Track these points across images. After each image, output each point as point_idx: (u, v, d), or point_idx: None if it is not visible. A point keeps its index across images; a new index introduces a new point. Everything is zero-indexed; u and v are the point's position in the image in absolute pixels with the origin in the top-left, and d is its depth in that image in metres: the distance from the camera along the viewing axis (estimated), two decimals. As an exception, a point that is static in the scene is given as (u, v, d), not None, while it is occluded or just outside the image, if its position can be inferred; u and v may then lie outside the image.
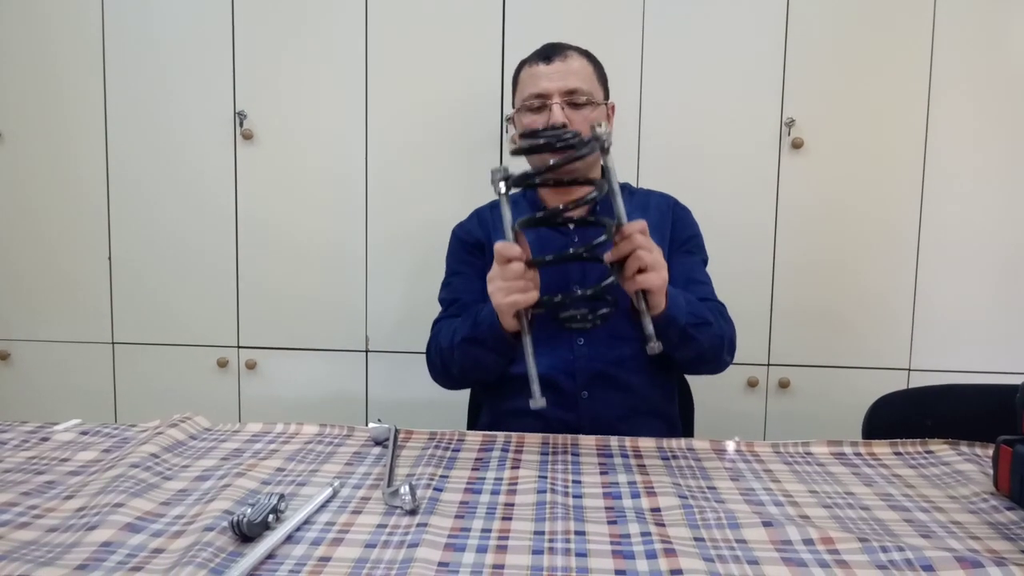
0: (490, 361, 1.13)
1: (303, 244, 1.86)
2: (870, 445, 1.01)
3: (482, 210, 1.35)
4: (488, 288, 0.98)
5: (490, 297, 0.98)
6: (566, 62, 1.20)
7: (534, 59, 1.22)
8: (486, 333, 1.07)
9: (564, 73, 1.19)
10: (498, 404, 1.26)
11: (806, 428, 1.78)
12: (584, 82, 1.20)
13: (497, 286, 0.96)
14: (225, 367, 1.89)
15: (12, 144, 1.89)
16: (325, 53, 1.81)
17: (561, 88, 1.18)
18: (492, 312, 1.02)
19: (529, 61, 1.23)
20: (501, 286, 0.96)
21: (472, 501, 0.82)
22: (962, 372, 1.76)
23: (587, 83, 1.21)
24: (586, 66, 1.22)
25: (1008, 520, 0.77)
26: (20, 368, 1.95)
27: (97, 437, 1.03)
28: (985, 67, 1.71)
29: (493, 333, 1.05)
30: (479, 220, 1.32)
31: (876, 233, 1.76)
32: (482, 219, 1.32)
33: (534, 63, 1.22)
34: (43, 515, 0.77)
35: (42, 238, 1.91)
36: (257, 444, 1.01)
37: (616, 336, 1.19)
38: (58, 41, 1.85)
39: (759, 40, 1.74)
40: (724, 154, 1.77)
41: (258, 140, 1.83)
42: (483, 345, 1.09)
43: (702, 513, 0.78)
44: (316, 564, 0.67)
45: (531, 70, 1.22)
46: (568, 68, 1.19)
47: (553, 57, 1.20)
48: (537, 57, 1.22)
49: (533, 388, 0.90)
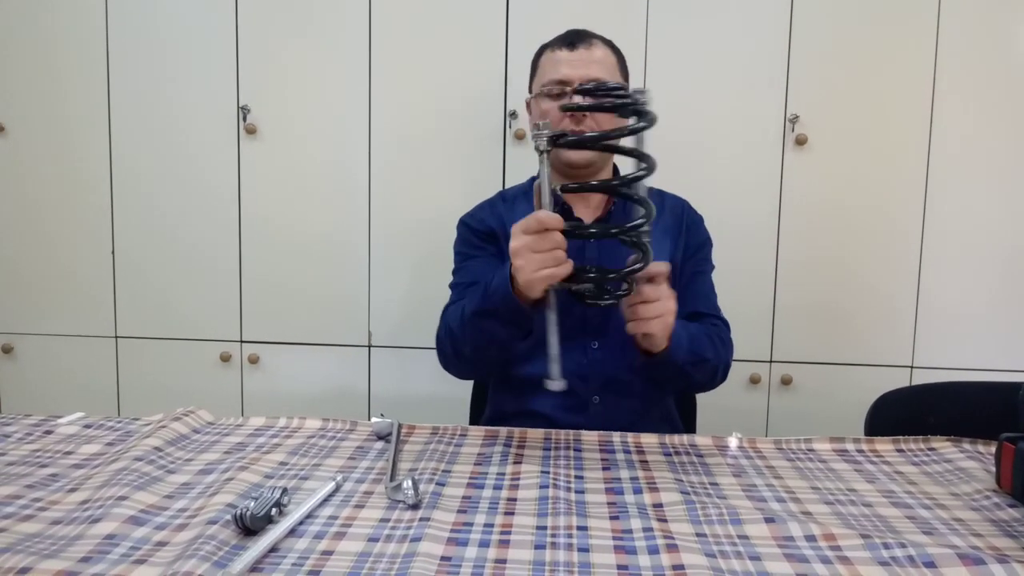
0: (504, 335, 1.04)
1: (306, 238, 1.86)
2: (872, 442, 1.01)
3: (493, 200, 1.33)
4: (514, 261, 0.91)
5: (516, 271, 0.92)
6: (590, 50, 1.18)
7: (557, 44, 1.20)
8: (499, 304, 0.98)
9: (587, 62, 1.17)
10: (502, 404, 1.25)
11: (808, 425, 1.78)
12: (606, 72, 1.18)
13: (529, 259, 0.90)
14: (228, 361, 1.89)
15: (16, 138, 1.89)
16: (329, 48, 1.80)
17: (583, 76, 1.15)
18: (506, 281, 0.95)
19: (552, 46, 1.21)
20: (535, 258, 0.89)
21: (474, 496, 0.82)
22: (965, 369, 1.76)
23: (609, 74, 1.18)
24: (609, 56, 1.20)
25: (1010, 517, 0.77)
26: (23, 362, 1.96)
27: (101, 430, 1.03)
28: (990, 64, 1.70)
29: (507, 304, 0.96)
30: (491, 209, 1.30)
31: (879, 230, 1.76)
32: (494, 208, 1.30)
33: (557, 48, 1.19)
34: (47, 508, 0.77)
35: (45, 232, 1.91)
36: (260, 438, 1.01)
37: (630, 343, 1.18)
38: (62, 35, 1.85)
39: (763, 36, 1.74)
40: (728, 150, 1.76)
41: (261, 135, 1.83)
42: (496, 317, 1.01)
43: (704, 509, 0.78)
44: (319, 558, 0.67)
45: (553, 55, 1.19)
46: (591, 57, 1.17)
47: (577, 44, 1.18)
48: (560, 43, 1.20)
49: (552, 368, 0.87)
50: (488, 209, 1.31)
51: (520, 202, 1.29)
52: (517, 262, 0.91)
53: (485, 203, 1.33)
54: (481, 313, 1.03)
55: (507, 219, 1.27)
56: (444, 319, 1.18)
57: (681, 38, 1.75)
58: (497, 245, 1.26)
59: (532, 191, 1.30)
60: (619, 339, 1.19)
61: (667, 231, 1.26)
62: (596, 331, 1.22)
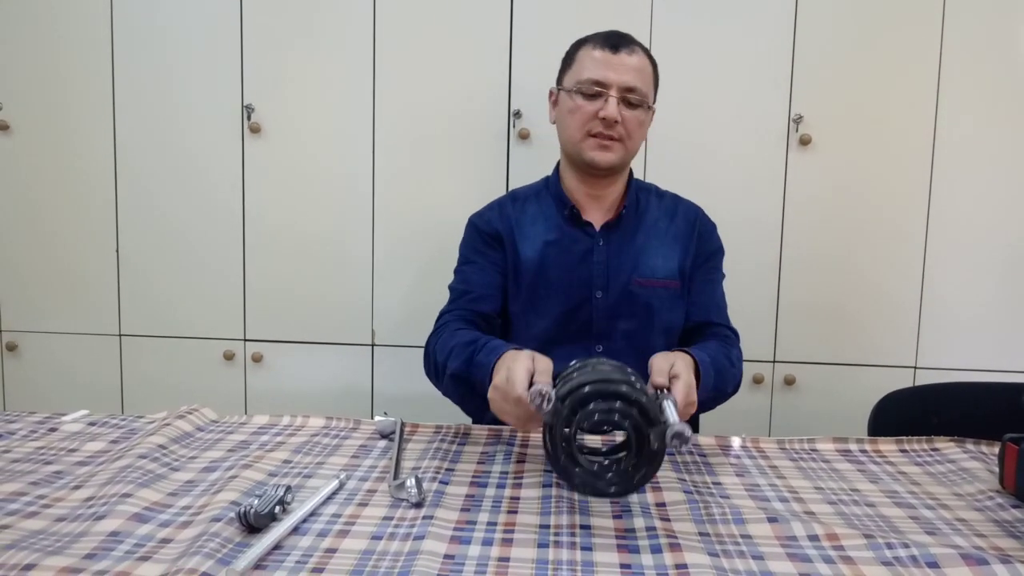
0: (477, 404, 1.04)
1: (309, 237, 1.86)
2: (876, 442, 1.01)
3: (504, 201, 1.32)
4: (491, 405, 0.89)
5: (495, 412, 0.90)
6: (632, 56, 1.17)
7: (600, 43, 1.17)
8: (477, 379, 0.98)
9: (628, 68, 1.16)
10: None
11: (812, 425, 1.78)
12: (643, 82, 1.17)
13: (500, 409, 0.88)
14: (231, 360, 1.90)
15: (21, 136, 1.89)
16: (333, 47, 1.81)
17: (622, 83, 1.15)
18: (490, 360, 0.94)
19: (593, 43, 1.18)
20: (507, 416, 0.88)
21: (478, 494, 0.82)
22: (969, 370, 1.76)
23: (645, 84, 1.18)
24: (648, 65, 1.20)
25: (1014, 518, 0.77)
26: (28, 360, 1.96)
27: (105, 428, 1.03)
28: (994, 64, 1.70)
29: (486, 388, 0.93)
30: (500, 212, 1.29)
31: (883, 230, 1.76)
32: (504, 212, 1.29)
33: (599, 47, 1.17)
34: (51, 505, 0.78)
35: (50, 230, 1.92)
36: (264, 436, 1.01)
37: (638, 347, 1.18)
38: (66, 34, 1.85)
39: (768, 36, 1.73)
40: (732, 150, 1.76)
41: (266, 134, 1.83)
42: (472, 390, 1.01)
43: (707, 508, 0.78)
44: (322, 555, 0.68)
45: (594, 53, 1.17)
46: (632, 63, 1.16)
47: (621, 48, 1.16)
48: (603, 42, 1.17)
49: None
50: (497, 210, 1.30)
51: (531, 203, 1.29)
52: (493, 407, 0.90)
53: (495, 203, 1.32)
54: (460, 379, 1.04)
55: (515, 221, 1.26)
56: (436, 337, 1.17)
57: (686, 39, 1.75)
58: (501, 250, 1.26)
59: (543, 192, 1.29)
60: (626, 345, 1.19)
61: (678, 237, 1.26)
62: (601, 335, 1.22)
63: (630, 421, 0.75)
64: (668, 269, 1.24)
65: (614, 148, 1.18)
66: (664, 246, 1.25)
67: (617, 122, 1.15)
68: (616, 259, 1.23)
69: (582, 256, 1.23)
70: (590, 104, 1.17)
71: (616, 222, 1.24)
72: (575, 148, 1.21)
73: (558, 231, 1.24)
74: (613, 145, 1.18)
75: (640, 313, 1.22)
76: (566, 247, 1.23)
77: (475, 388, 1.00)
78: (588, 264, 1.23)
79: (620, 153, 1.19)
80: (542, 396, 0.75)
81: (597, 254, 1.22)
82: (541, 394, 0.75)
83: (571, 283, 1.22)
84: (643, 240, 1.25)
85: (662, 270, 1.23)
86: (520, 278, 1.24)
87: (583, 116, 1.17)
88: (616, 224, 1.24)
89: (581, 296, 1.22)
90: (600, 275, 1.22)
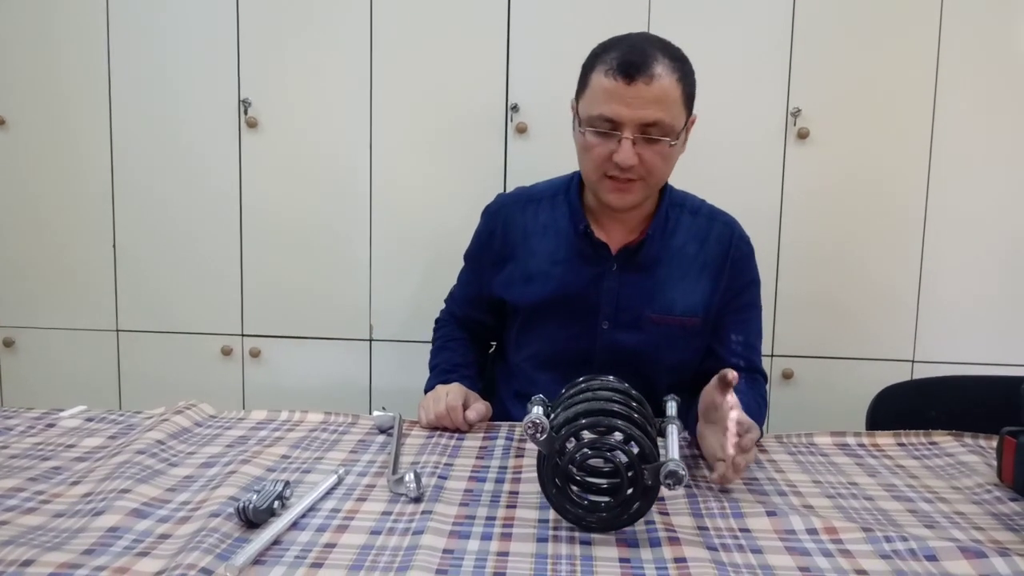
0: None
1: (307, 232, 1.85)
2: (874, 436, 1.01)
3: (520, 201, 1.20)
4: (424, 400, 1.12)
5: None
6: (651, 86, 0.98)
7: (614, 69, 0.99)
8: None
9: (645, 101, 0.98)
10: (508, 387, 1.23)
11: (810, 419, 1.78)
12: (666, 112, 1.00)
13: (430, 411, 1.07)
14: (229, 355, 1.89)
15: (16, 131, 1.89)
16: (331, 41, 1.80)
17: (638, 119, 0.99)
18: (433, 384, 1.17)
19: (607, 65, 1.00)
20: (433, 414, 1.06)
21: (476, 489, 0.82)
22: (966, 364, 1.76)
23: (669, 113, 1.00)
24: (674, 88, 1.00)
25: (1011, 511, 0.78)
26: (25, 355, 1.96)
27: (103, 424, 1.03)
28: (992, 57, 1.69)
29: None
30: (511, 217, 1.18)
31: (881, 224, 1.76)
32: (514, 218, 1.18)
33: (612, 74, 0.99)
34: (49, 500, 0.77)
35: (46, 225, 1.91)
36: (262, 431, 1.01)
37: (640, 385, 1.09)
38: (62, 28, 1.84)
39: (766, 29, 1.73)
40: (730, 143, 1.75)
41: (263, 128, 1.83)
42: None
43: (706, 502, 0.79)
44: (321, 550, 0.68)
45: (606, 83, 0.99)
46: (651, 95, 0.98)
47: (637, 77, 0.98)
48: (617, 70, 0.99)
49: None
50: (511, 208, 1.20)
51: (545, 209, 1.17)
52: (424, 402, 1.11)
53: (510, 202, 1.21)
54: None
55: (525, 230, 1.17)
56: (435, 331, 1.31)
57: (683, 31, 1.73)
58: (491, 250, 1.18)
59: (560, 198, 1.17)
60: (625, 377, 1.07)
61: (707, 267, 1.13)
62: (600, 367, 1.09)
63: (626, 456, 0.73)
64: (689, 305, 1.12)
65: (633, 189, 1.05)
66: (688, 279, 1.12)
67: (633, 166, 1.01)
68: (629, 289, 1.11)
69: (591, 280, 1.11)
70: (603, 145, 1.02)
71: (637, 247, 1.11)
72: (592, 187, 1.09)
73: (568, 248, 1.12)
74: (632, 187, 1.04)
75: (649, 350, 1.12)
76: (575, 268, 1.12)
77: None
78: (597, 290, 1.11)
79: (641, 193, 1.06)
80: (536, 426, 0.73)
81: (608, 280, 1.11)
82: (535, 424, 0.73)
83: (575, 309, 1.12)
84: (665, 271, 1.12)
85: (681, 306, 1.11)
86: (519, 296, 1.15)
87: (597, 158, 1.03)
88: (636, 249, 1.11)
89: (584, 324, 1.12)
90: (609, 304, 1.11)
